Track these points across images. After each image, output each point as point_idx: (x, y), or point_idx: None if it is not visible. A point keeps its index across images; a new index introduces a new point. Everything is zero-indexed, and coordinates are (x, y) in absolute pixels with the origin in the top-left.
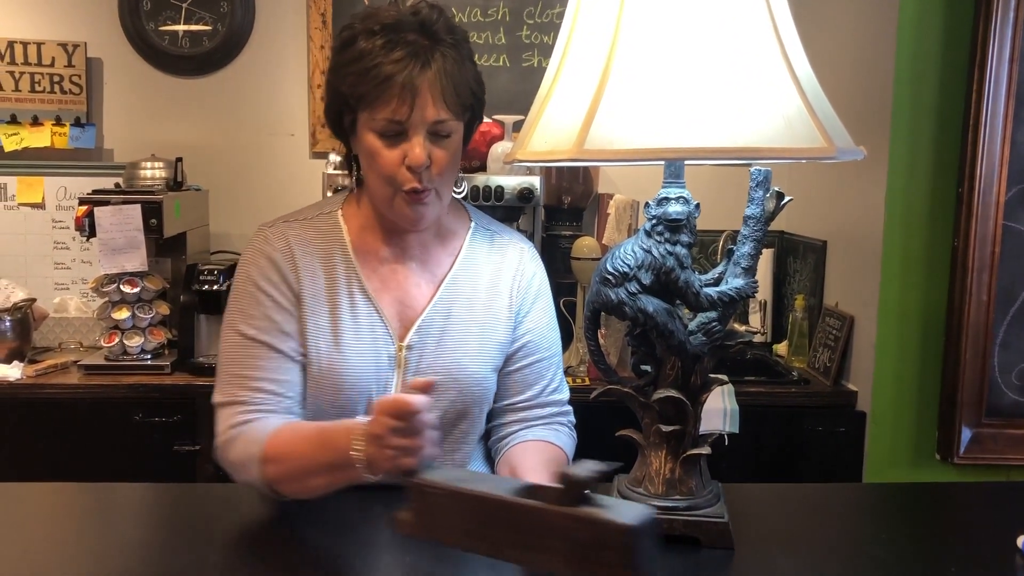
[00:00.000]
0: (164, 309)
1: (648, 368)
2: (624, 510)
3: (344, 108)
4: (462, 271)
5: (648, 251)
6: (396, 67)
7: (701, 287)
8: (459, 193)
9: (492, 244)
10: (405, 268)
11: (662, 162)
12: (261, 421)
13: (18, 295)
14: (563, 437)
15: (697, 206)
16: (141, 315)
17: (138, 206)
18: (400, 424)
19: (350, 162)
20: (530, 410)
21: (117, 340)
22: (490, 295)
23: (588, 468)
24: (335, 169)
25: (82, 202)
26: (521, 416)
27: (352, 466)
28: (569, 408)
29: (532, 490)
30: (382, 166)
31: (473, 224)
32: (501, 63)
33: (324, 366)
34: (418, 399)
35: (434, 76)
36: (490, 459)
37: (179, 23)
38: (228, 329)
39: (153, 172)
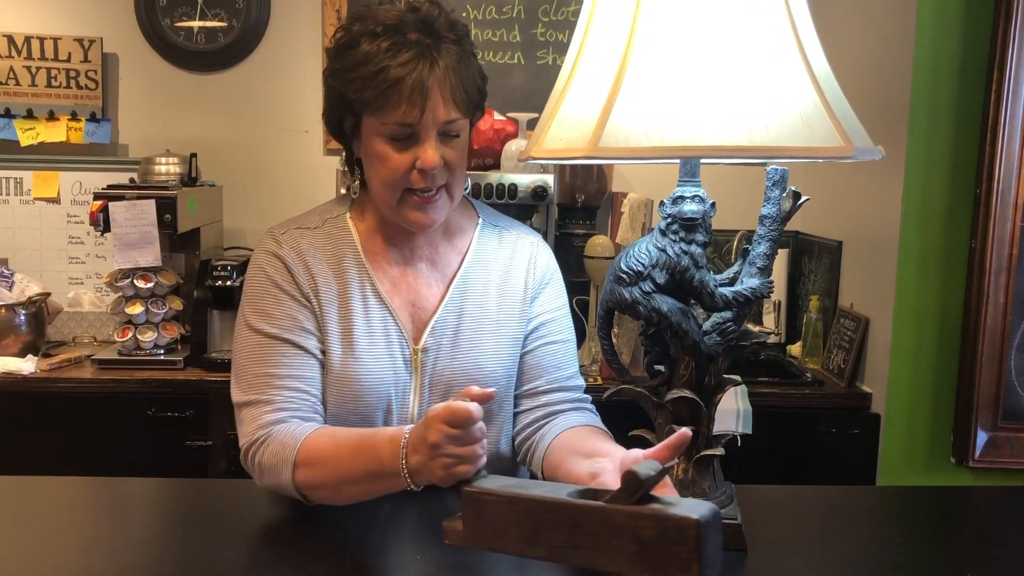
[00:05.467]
0: (177, 304)
1: (662, 368)
2: (689, 505)
3: (346, 113)
4: (472, 269)
5: (663, 250)
6: (404, 70)
7: (716, 287)
8: (464, 190)
9: (501, 240)
10: (415, 269)
11: (677, 160)
12: (293, 423)
13: (32, 289)
14: (599, 422)
15: (713, 205)
16: (154, 310)
17: (152, 201)
18: (457, 432)
19: (352, 166)
20: (550, 394)
21: (130, 335)
22: (502, 291)
23: (651, 466)
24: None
25: (97, 197)
26: (543, 402)
27: (396, 475)
28: (589, 397)
29: (591, 492)
30: (392, 170)
31: (481, 220)
32: (516, 61)
33: (341, 372)
34: (472, 406)
35: (442, 76)
36: (513, 454)
37: (195, 19)
38: (246, 328)
39: (167, 167)
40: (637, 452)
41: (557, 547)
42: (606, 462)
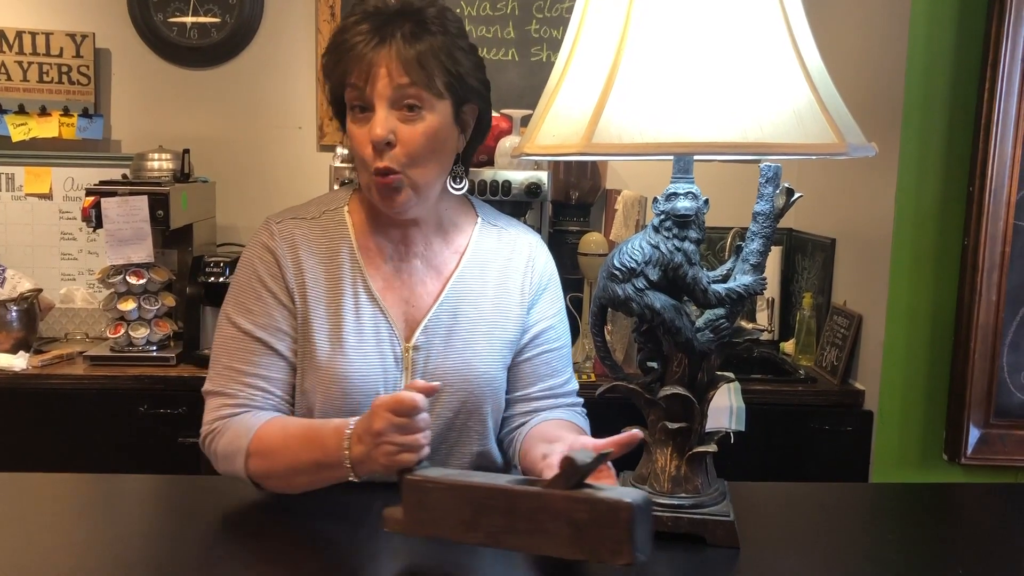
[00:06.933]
0: (170, 301)
1: (655, 365)
2: (622, 491)
3: (337, 97)
4: (469, 269)
5: (656, 247)
6: (360, 36)
7: (709, 283)
8: (458, 189)
9: (500, 240)
10: (409, 266)
11: (671, 157)
12: (249, 414)
13: (24, 285)
14: (582, 420)
15: (706, 202)
16: (147, 306)
17: (145, 197)
18: (401, 421)
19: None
20: (541, 401)
21: (123, 331)
22: (499, 292)
23: (588, 454)
24: (342, 162)
25: (89, 193)
26: (533, 407)
27: (340, 465)
28: (581, 400)
29: (529, 480)
30: (355, 148)
31: (480, 220)
32: (510, 57)
33: (329, 368)
34: (418, 397)
35: (397, 46)
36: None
37: (187, 14)
38: (225, 319)
39: (160, 163)
40: (585, 439)
41: (495, 532)
42: (558, 445)
